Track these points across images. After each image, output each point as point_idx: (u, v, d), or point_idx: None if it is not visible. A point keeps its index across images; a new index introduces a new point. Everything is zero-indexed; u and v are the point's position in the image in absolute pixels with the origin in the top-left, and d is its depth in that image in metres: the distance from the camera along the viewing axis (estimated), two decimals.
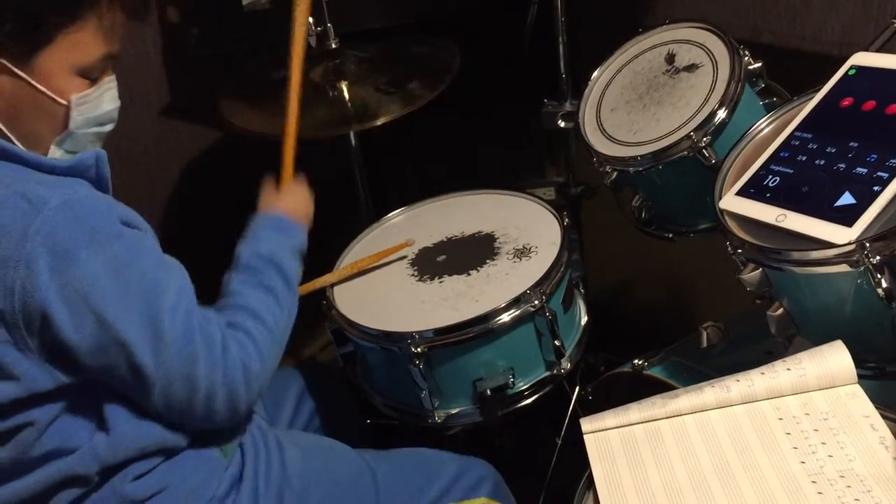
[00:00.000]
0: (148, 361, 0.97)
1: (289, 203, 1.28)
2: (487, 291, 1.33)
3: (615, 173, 1.37)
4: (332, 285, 1.45)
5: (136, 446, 1.03)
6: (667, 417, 0.92)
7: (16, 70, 0.96)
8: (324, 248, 1.57)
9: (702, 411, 0.92)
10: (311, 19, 1.70)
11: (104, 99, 1.04)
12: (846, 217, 0.97)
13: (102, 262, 0.94)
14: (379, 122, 1.60)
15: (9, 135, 0.99)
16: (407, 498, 1.23)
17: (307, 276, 1.31)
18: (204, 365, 1.01)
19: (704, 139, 1.25)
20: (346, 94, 1.71)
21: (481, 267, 1.39)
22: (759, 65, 1.31)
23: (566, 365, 1.35)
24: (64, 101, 0.99)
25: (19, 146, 0.98)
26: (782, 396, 0.91)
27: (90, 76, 1.02)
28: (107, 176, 1.04)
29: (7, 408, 0.96)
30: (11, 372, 0.94)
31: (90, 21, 0.98)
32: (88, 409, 1.01)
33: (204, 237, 2.06)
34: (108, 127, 1.07)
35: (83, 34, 0.98)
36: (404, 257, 1.48)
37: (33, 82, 0.97)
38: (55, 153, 1.03)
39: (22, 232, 0.90)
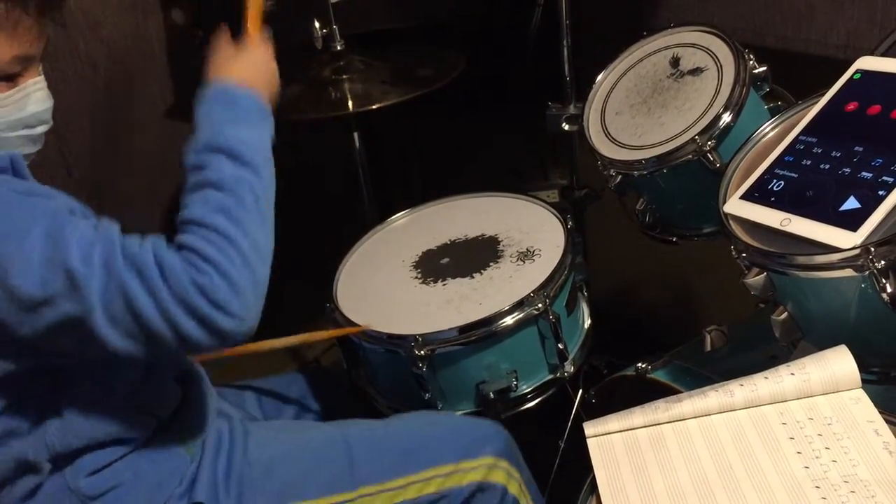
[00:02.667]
0: (78, 312, 0.91)
1: (245, 67, 1.05)
2: (491, 294, 1.33)
3: (619, 177, 1.37)
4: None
5: (88, 434, 1.02)
6: (670, 422, 0.92)
7: None
8: (328, 250, 1.57)
9: (705, 416, 0.92)
10: (317, 24, 1.71)
11: (30, 101, 1.01)
12: (851, 221, 0.96)
13: None
14: (375, 106, 1.59)
15: None
16: (388, 464, 1.18)
17: (313, 283, 1.28)
18: (142, 295, 0.91)
19: (709, 143, 1.25)
20: (347, 89, 1.72)
21: (485, 270, 1.39)
22: (764, 68, 1.31)
23: (569, 368, 1.35)
24: None
25: None
26: (786, 401, 0.91)
27: (5, 78, 0.98)
28: (24, 172, 0.99)
29: None
30: None
31: None
32: (44, 392, 1.00)
33: None
34: (40, 129, 1.03)
35: None
36: (408, 259, 1.48)
37: None
38: None
39: None
